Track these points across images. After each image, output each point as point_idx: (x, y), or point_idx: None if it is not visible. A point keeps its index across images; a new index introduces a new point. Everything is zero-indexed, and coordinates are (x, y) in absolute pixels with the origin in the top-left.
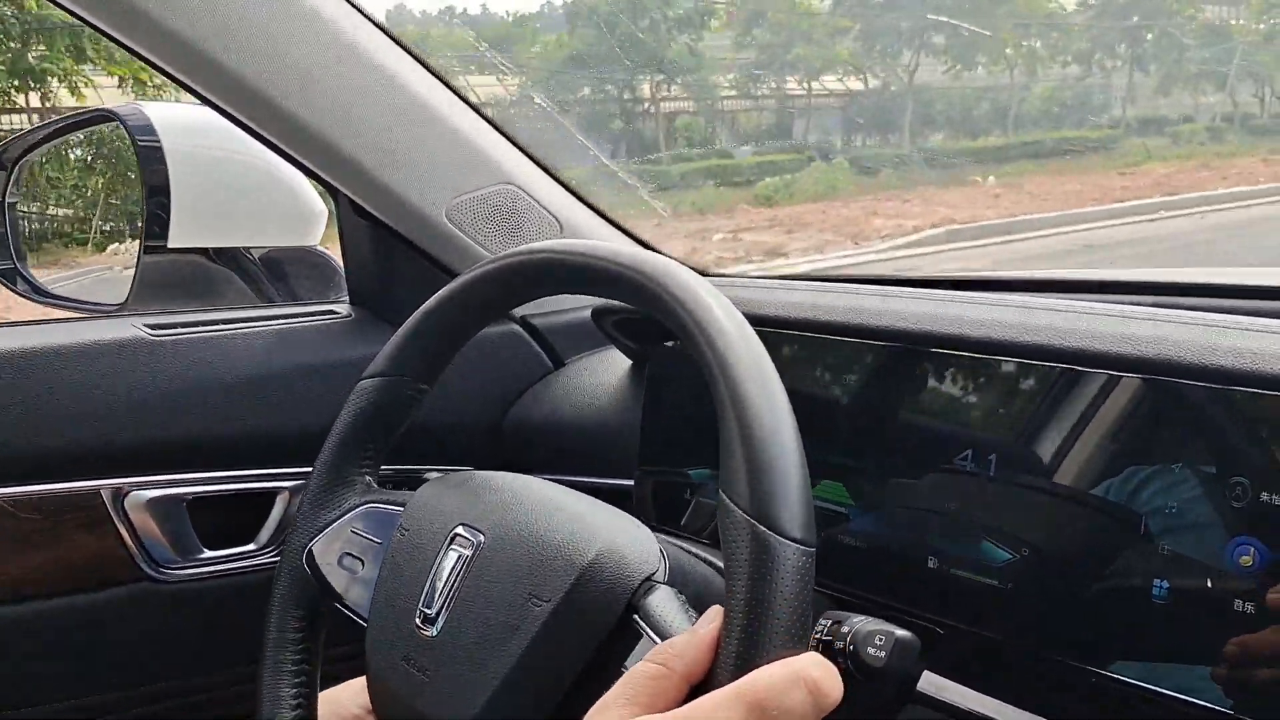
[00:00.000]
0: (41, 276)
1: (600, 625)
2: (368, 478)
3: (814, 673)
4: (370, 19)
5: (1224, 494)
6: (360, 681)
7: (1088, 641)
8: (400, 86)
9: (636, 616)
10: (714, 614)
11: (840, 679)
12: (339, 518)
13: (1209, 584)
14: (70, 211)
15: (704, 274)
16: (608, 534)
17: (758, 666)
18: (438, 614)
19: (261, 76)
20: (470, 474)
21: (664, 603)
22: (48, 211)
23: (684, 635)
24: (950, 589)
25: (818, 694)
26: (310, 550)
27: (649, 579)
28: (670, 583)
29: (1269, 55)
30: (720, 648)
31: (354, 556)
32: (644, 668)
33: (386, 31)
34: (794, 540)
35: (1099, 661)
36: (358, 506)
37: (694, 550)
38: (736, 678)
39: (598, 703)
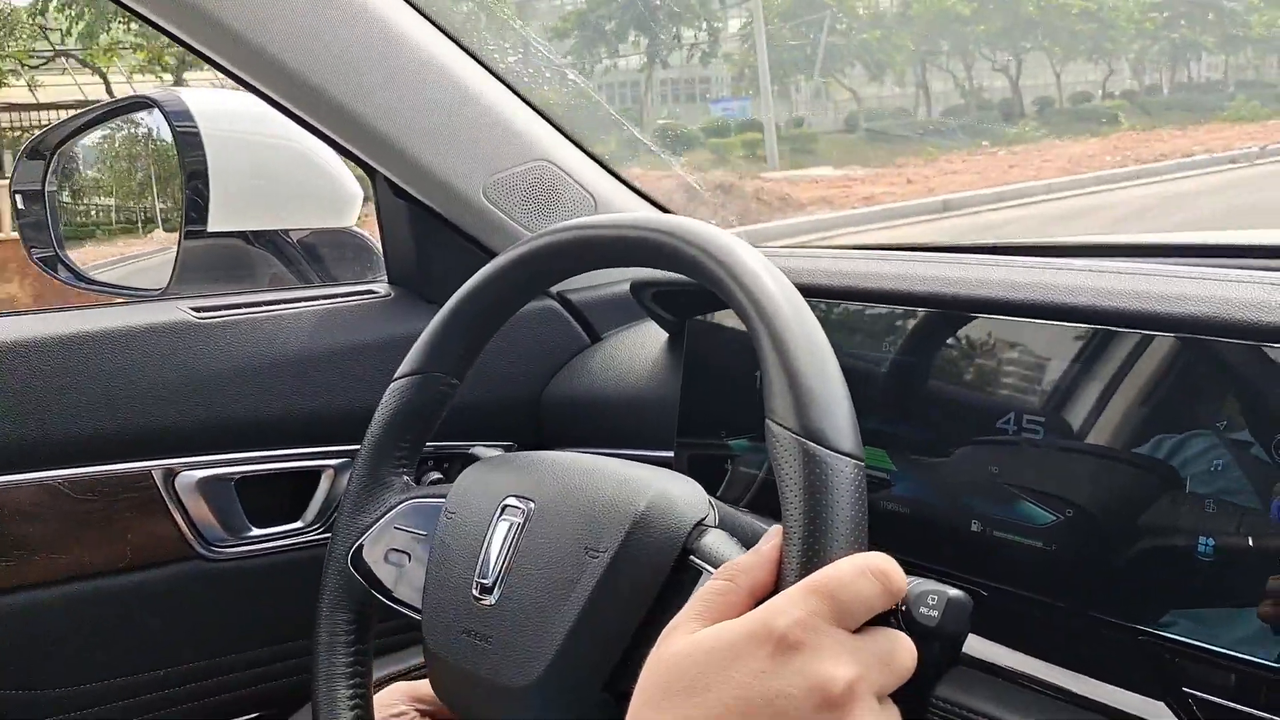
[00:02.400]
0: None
1: (658, 570)
2: (405, 477)
3: (879, 563)
4: None
5: (1268, 450)
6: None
7: (1133, 600)
8: (436, 65)
9: (693, 557)
10: (774, 533)
11: (902, 571)
12: (380, 518)
13: (1253, 540)
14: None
15: None
16: (658, 485)
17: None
18: (495, 583)
19: (298, 59)
20: (512, 454)
21: (719, 542)
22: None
23: (748, 554)
24: (994, 551)
25: (886, 580)
26: (354, 552)
27: (700, 523)
28: (720, 528)
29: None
30: (783, 560)
31: (399, 551)
32: (710, 585)
33: (420, 10)
34: (845, 453)
35: (1145, 620)
36: (398, 504)
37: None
38: None
39: (669, 624)
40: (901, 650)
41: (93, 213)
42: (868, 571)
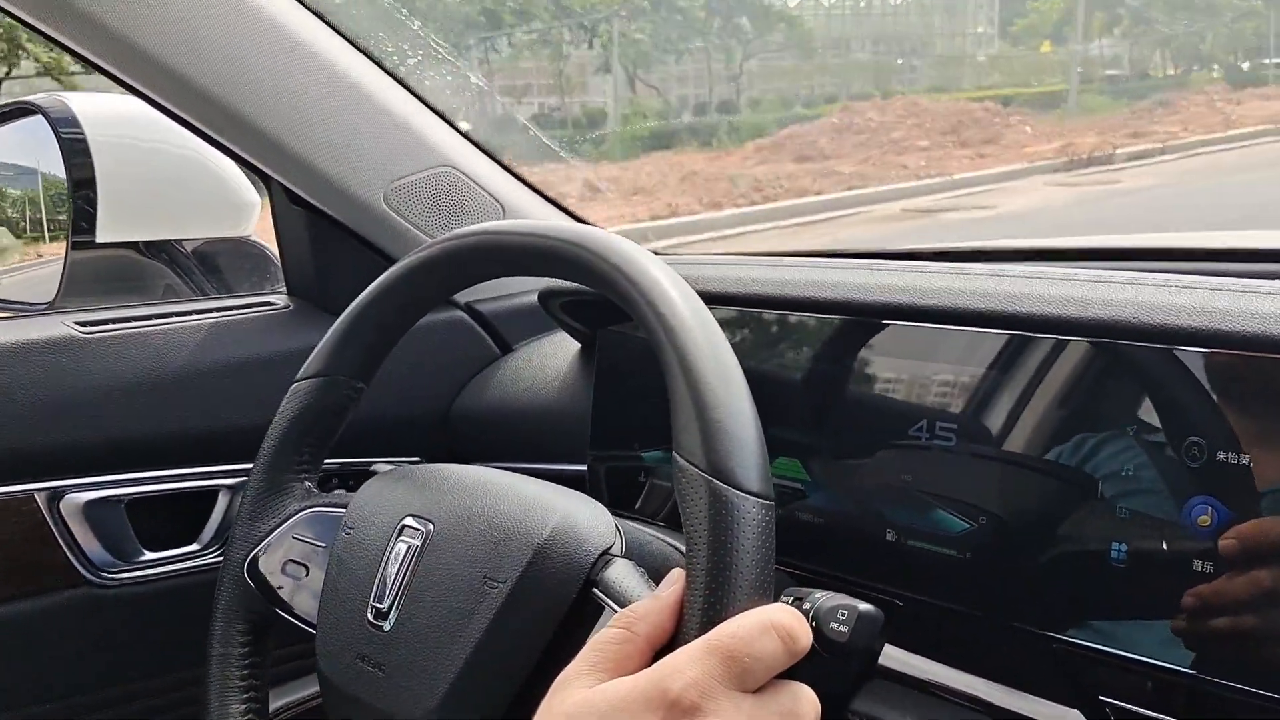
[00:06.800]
0: None
1: (559, 602)
2: (307, 483)
3: (783, 619)
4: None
5: (1180, 455)
6: None
7: (1047, 607)
8: (334, 70)
9: (596, 590)
10: (675, 576)
11: (808, 626)
12: (279, 525)
13: (1166, 545)
14: None
15: (656, 254)
16: (562, 511)
17: (724, 621)
18: (390, 608)
19: (189, 63)
20: (414, 467)
21: (623, 574)
22: None
23: (647, 599)
24: (909, 561)
25: (788, 640)
26: (251, 561)
27: (606, 553)
28: (628, 556)
29: None
30: (685, 607)
31: (297, 563)
32: (607, 634)
33: (316, 13)
34: (752, 494)
35: (1059, 627)
36: (298, 513)
37: (651, 531)
38: (703, 634)
39: (561, 675)
40: (803, 706)
41: None
42: (771, 630)
